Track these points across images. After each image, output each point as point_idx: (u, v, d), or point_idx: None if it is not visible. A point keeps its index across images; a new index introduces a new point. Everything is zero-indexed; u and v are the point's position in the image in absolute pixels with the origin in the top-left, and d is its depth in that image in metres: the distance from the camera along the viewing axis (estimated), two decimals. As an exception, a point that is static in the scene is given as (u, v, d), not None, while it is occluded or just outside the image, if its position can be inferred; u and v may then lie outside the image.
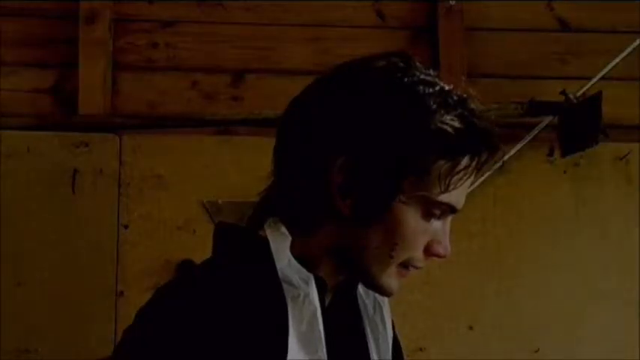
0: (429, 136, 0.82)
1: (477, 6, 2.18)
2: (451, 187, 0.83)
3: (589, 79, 2.01)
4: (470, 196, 2.14)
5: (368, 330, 0.96)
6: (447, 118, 0.83)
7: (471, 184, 0.88)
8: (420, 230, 0.86)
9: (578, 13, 2.21)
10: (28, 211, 1.92)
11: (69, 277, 1.91)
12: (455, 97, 0.85)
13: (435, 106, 0.83)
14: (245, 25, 2.15)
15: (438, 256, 0.88)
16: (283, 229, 0.88)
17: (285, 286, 0.85)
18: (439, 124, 0.82)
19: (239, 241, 0.91)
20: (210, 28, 2.14)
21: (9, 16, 2.09)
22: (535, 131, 2.03)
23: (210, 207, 1.94)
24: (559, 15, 2.20)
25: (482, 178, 2.00)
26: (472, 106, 0.85)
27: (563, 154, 2.00)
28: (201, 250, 0.95)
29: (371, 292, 0.97)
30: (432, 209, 0.85)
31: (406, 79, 0.85)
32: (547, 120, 2.02)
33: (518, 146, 2.02)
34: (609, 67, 2.01)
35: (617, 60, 2.01)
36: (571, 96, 1.95)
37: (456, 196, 0.86)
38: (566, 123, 1.98)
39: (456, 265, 2.00)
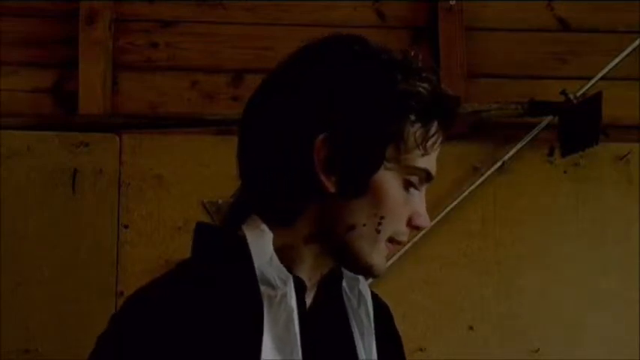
0: (404, 98, 0.84)
1: (477, 6, 2.18)
2: (429, 149, 0.86)
3: (589, 79, 2.01)
4: (470, 196, 2.15)
5: (354, 326, 0.95)
6: (416, 82, 0.85)
7: (472, 183, 0.89)
8: (402, 201, 0.87)
9: (578, 13, 2.20)
10: (28, 211, 1.92)
11: (69, 277, 1.91)
12: (415, 64, 0.88)
13: (400, 72, 0.85)
14: (245, 25, 2.15)
15: (420, 227, 0.89)
16: (263, 225, 0.87)
17: (261, 286, 0.84)
18: (411, 87, 0.85)
19: (215, 240, 0.90)
20: (210, 28, 2.14)
21: (9, 16, 2.09)
22: (535, 131, 2.03)
23: (210, 207, 1.94)
24: (559, 15, 2.20)
25: (483, 178, 2.00)
26: (430, 72, 0.88)
27: (563, 154, 2.00)
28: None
29: (355, 286, 0.96)
30: (411, 177, 0.87)
31: (368, 50, 0.88)
32: (547, 120, 2.02)
33: (518, 146, 2.02)
34: (609, 67, 2.01)
35: (617, 60, 2.01)
36: (571, 96, 1.95)
37: (430, 162, 0.88)
38: (566, 123, 1.98)
39: (456, 265, 2.00)
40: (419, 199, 0.89)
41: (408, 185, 0.87)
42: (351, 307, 0.96)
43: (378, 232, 0.86)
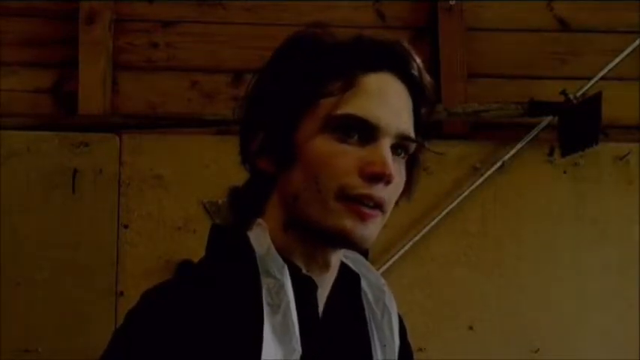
0: (314, 64, 0.86)
1: (477, 6, 2.18)
2: (332, 94, 0.84)
3: (589, 79, 2.01)
4: (470, 196, 2.15)
5: (374, 336, 0.95)
6: (326, 45, 0.87)
7: (472, 183, 0.88)
8: (338, 152, 0.84)
9: (578, 13, 2.21)
10: (28, 211, 1.92)
11: (69, 277, 1.91)
12: (339, 34, 0.89)
13: (314, 44, 0.88)
14: (245, 25, 2.15)
15: (374, 173, 0.83)
16: (260, 220, 0.90)
17: (264, 278, 0.85)
18: (319, 52, 0.87)
19: (226, 240, 0.92)
20: (210, 28, 2.14)
21: (9, 16, 2.09)
22: (535, 131, 2.03)
23: (210, 207, 1.94)
24: (559, 15, 2.21)
25: (483, 178, 2.00)
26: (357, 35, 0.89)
27: (563, 154, 2.00)
28: (201, 250, 0.95)
29: (380, 299, 0.96)
30: (338, 127, 0.84)
31: (300, 41, 0.91)
32: (547, 120, 2.03)
33: (519, 146, 2.02)
34: (609, 67, 2.01)
35: (617, 60, 2.01)
36: (571, 96, 1.95)
37: (364, 107, 0.84)
38: (566, 123, 1.98)
39: (456, 265, 2.00)
40: (372, 150, 0.84)
41: (339, 136, 0.84)
42: (375, 318, 0.96)
43: (319, 191, 0.84)
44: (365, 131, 0.84)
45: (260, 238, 0.88)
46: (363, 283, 0.97)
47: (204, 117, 2.02)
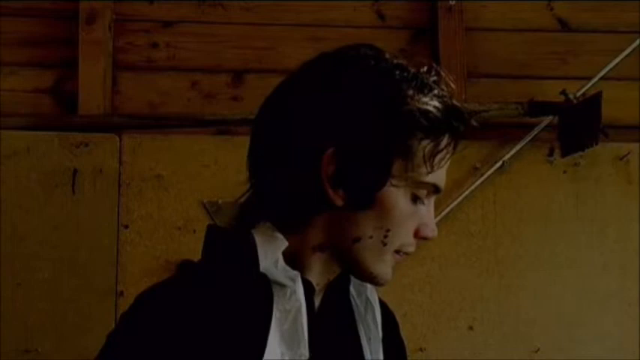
0: (412, 116, 0.84)
1: (477, 6, 2.18)
2: (436, 166, 0.87)
3: (589, 79, 2.01)
4: (470, 196, 2.15)
5: (361, 330, 0.96)
6: (426, 99, 0.86)
7: (472, 183, 0.90)
8: (410, 214, 0.88)
9: (578, 13, 2.21)
10: (28, 211, 1.92)
11: (69, 277, 1.91)
12: (428, 79, 0.88)
13: (412, 89, 0.86)
14: (245, 25, 2.15)
15: (427, 238, 0.91)
16: (277, 233, 0.88)
17: (273, 284, 0.86)
18: (420, 105, 0.85)
19: (226, 242, 0.92)
20: (210, 28, 2.14)
21: (9, 16, 2.09)
22: (535, 131, 2.03)
23: (210, 207, 1.94)
24: (559, 15, 2.21)
25: (483, 178, 2.00)
26: (443, 86, 0.89)
27: (563, 154, 2.00)
28: (201, 250, 0.95)
29: (362, 293, 0.98)
30: (419, 191, 0.88)
31: (381, 65, 0.87)
32: (547, 120, 2.03)
33: (518, 146, 2.02)
34: (609, 67, 2.01)
35: (617, 60, 2.01)
36: (571, 96, 1.95)
37: (439, 176, 0.89)
38: (566, 123, 1.98)
39: (456, 265, 2.00)
40: (426, 210, 0.91)
41: (415, 198, 0.89)
42: (359, 312, 0.97)
43: (385, 244, 0.88)
44: (430, 196, 0.90)
45: (273, 250, 0.87)
46: (351, 284, 0.98)
47: (204, 117, 2.02)
